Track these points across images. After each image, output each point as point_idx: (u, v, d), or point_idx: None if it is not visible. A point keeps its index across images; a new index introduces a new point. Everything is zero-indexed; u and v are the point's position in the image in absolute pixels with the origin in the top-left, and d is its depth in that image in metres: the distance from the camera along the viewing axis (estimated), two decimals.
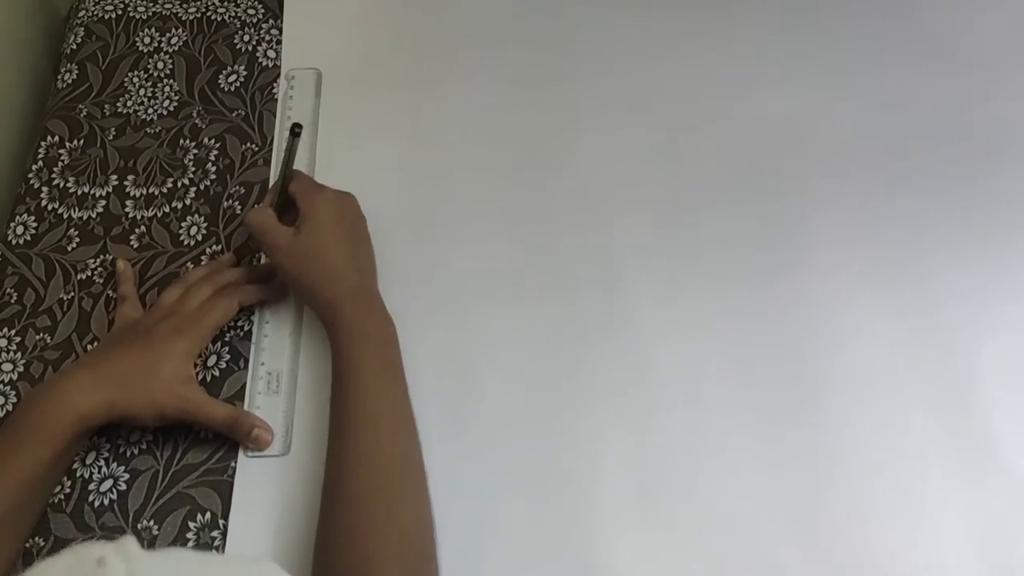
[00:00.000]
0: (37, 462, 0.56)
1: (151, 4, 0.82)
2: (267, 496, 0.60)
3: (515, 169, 0.72)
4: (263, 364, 0.65)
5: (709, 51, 0.77)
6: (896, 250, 0.68)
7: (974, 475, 0.60)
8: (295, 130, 0.62)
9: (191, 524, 0.60)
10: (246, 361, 0.65)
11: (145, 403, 0.58)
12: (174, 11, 0.81)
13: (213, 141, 0.75)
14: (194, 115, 0.77)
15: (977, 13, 0.78)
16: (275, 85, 0.77)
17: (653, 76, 0.76)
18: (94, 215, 0.72)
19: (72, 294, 0.69)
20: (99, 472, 0.61)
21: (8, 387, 0.65)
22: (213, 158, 0.74)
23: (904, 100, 0.74)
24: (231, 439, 0.62)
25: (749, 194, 0.71)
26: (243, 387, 0.64)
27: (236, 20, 0.81)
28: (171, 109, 0.77)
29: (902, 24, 0.78)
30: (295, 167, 0.65)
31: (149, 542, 0.59)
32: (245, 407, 0.63)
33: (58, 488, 0.61)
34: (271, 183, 0.68)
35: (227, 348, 0.66)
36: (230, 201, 0.72)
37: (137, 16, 0.81)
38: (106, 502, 0.60)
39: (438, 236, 0.70)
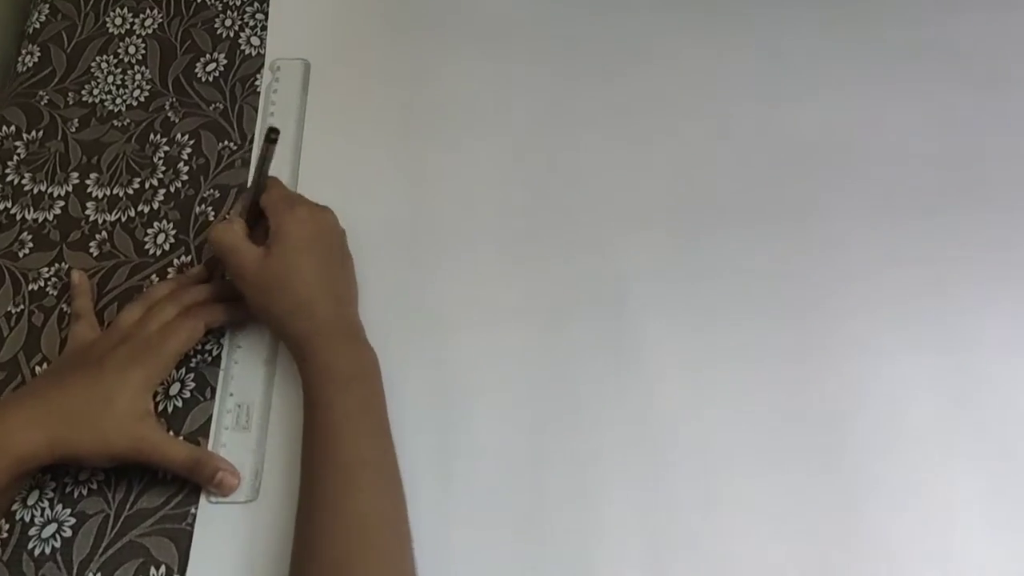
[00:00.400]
0: None
1: None
2: (231, 548, 0.53)
3: (512, 178, 0.65)
4: (232, 395, 0.57)
5: (729, 57, 0.70)
6: (930, 282, 0.60)
7: (1008, 524, 0.53)
8: (271, 136, 0.54)
9: None
10: (213, 391, 0.58)
11: (93, 443, 0.51)
12: None
13: (187, 137, 0.68)
14: (167, 107, 0.69)
15: None
16: (258, 76, 0.70)
17: (667, 81, 0.69)
18: (51, 217, 0.65)
19: (22, 307, 0.61)
20: (41, 515, 0.54)
21: None
22: (186, 156, 0.67)
23: (943, 117, 0.67)
24: (192, 481, 0.55)
25: (770, 215, 0.63)
26: (209, 420, 0.57)
27: (218, 2, 0.73)
28: (141, 100, 0.70)
29: (940, 34, 0.70)
30: (271, 174, 0.58)
31: None
32: (210, 444, 0.56)
33: None
34: (245, 191, 0.60)
35: (192, 375, 0.58)
36: (202, 206, 0.65)
37: None
38: (48, 550, 0.53)
39: (426, 251, 0.63)
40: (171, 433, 0.56)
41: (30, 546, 0.53)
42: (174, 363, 0.56)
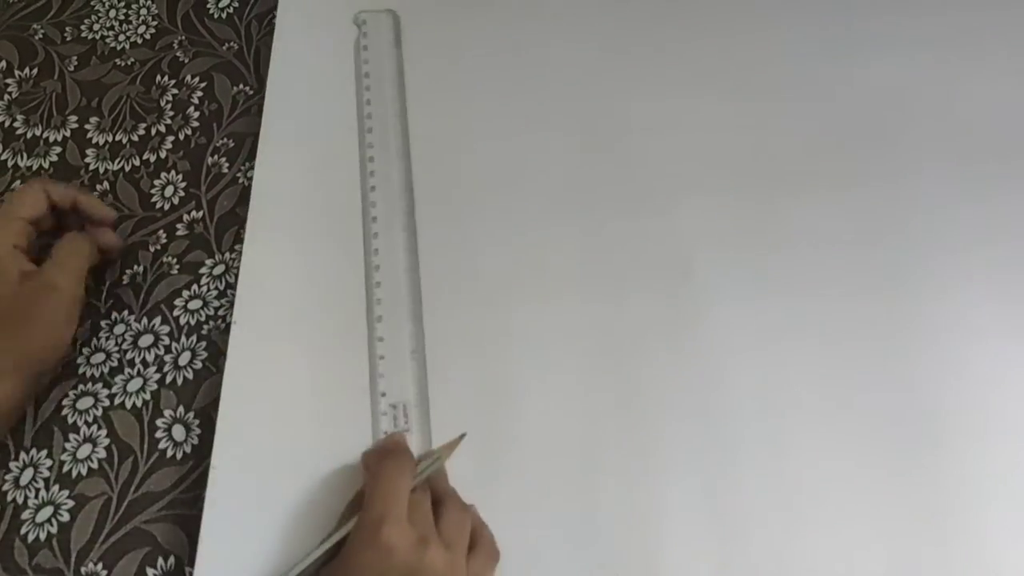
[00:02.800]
0: None
1: None
2: (245, 538, 0.47)
3: (571, 138, 0.59)
4: (384, 395, 0.51)
5: (802, 12, 0.63)
6: None
7: None
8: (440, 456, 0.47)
9: (149, 571, 0.47)
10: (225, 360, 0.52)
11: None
12: None
13: (197, 80, 0.61)
14: (175, 46, 0.62)
15: None
16: (274, 13, 0.63)
17: (737, 36, 0.62)
18: (46, 165, 0.58)
19: None
20: (36, 496, 0.49)
21: None
22: (197, 101, 0.60)
23: None
24: (205, 462, 0.49)
25: (850, 180, 0.58)
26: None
27: None
28: (147, 37, 0.63)
29: None
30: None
31: None
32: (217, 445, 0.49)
33: None
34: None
35: (203, 343, 0.52)
36: (215, 157, 0.58)
37: None
38: (43, 536, 0.48)
39: (478, 217, 0.56)
40: (180, 408, 0.51)
41: (23, 531, 0.48)
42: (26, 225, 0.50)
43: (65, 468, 0.49)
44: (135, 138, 0.59)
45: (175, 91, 0.61)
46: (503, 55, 0.62)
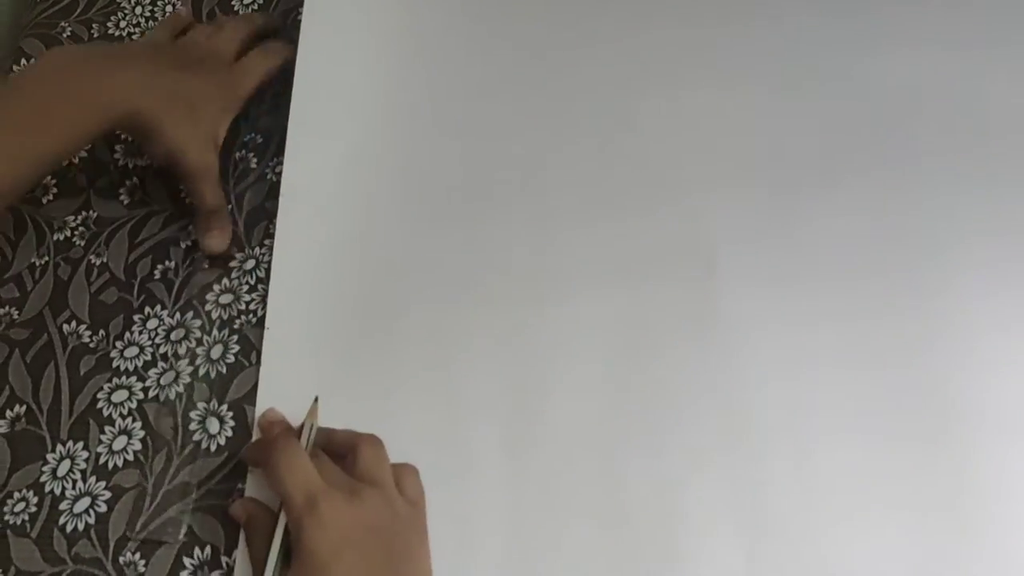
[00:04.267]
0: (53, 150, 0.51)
1: None
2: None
3: (589, 129, 0.59)
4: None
5: (827, 8, 0.63)
6: None
7: None
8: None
9: (186, 560, 0.48)
10: (258, 355, 0.53)
11: (172, 135, 0.52)
12: None
13: None
14: None
15: None
16: (300, 10, 0.63)
17: (756, 31, 0.62)
18: (76, 160, 0.59)
19: (46, 258, 0.56)
20: (73, 487, 0.49)
21: None
22: None
23: None
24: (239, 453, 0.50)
25: (869, 174, 0.58)
26: (254, 387, 0.52)
27: None
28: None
29: None
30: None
31: None
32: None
33: (22, 506, 0.49)
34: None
35: (235, 337, 0.53)
36: (243, 152, 0.59)
37: None
38: (81, 527, 0.48)
39: (494, 210, 0.57)
40: (214, 401, 0.51)
41: (61, 522, 0.49)
42: (253, 89, 0.57)
43: (101, 460, 0.50)
44: None
45: None
46: (523, 58, 0.62)
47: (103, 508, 0.49)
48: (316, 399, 0.49)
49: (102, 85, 0.51)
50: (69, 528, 0.48)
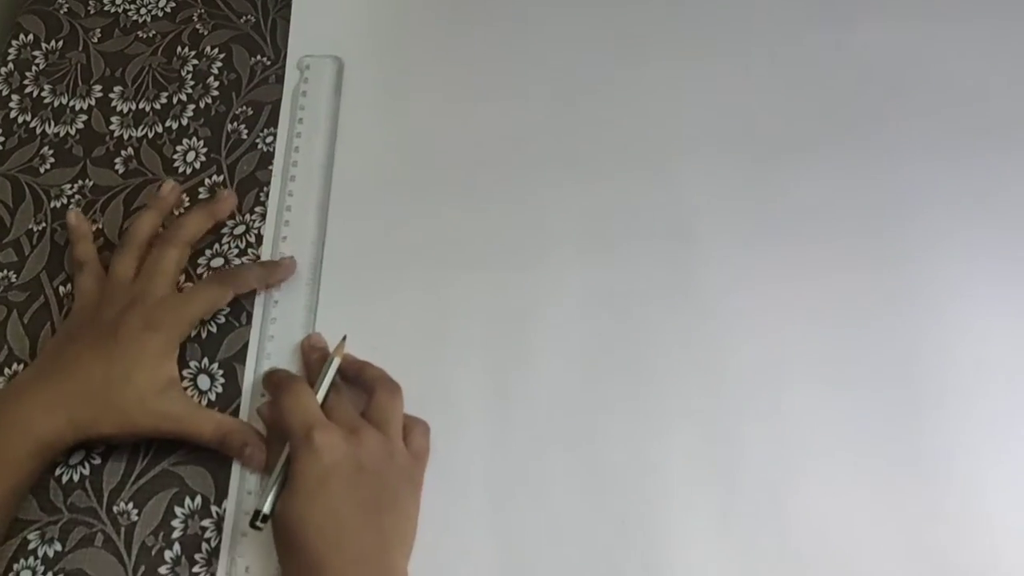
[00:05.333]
0: None
1: None
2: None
3: (569, 104, 0.61)
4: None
5: None
6: (1013, 215, 0.57)
7: None
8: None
9: (178, 510, 0.49)
10: (249, 316, 0.54)
11: (114, 423, 0.48)
12: None
13: (217, 51, 0.64)
14: (195, 19, 0.65)
15: None
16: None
17: (732, 7, 0.65)
18: (73, 132, 0.61)
19: (44, 224, 0.58)
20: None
21: None
22: (216, 71, 0.63)
23: None
24: (229, 409, 0.52)
25: (843, 144, 0.60)
26: (245, 346, 0.54)
27: None
28: (168, 11, 0.65)
29: None
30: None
31: (127, 528, 0.49)
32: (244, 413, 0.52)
33: None
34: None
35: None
36: (235, 124, 0.61)
37: None
38: (76, 478, 0.50)
39: (477, 184, 0.59)
40: (205, 359, 0.53)
41: (57, 473, 0.50)
42: (193, 327, 0.52)
43: None
44: (157, 106, 0.62)
45: (195, 62, 0.63)
46: (502, 30, 0.64)
47: (98, 460, 0.51)
48: (344, 337, 0.52)
49: (3, 434, 0.47)
50: (64, 479, 0.50)
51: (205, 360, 0.53)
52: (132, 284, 0.52)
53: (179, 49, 0.64)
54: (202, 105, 0.61)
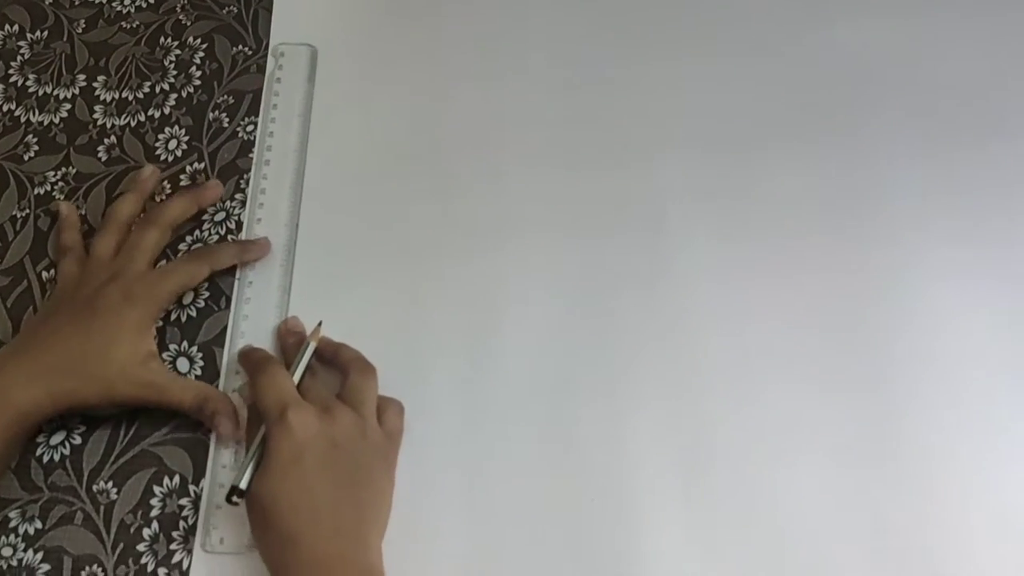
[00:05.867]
0: None
1: None
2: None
3: (546, 96, 0.62)
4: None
5: None
6: (987, 208, 0.58)
7: None
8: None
9: (156, 489, 0.51)
10: (228, 300, 0.55)
11: (97, 393, 0.49)
12: None
13: (199, 41, 0.64)
14: (178, 10, 0.66)
15: None
16: None
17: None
18: (56, 120, 0.62)
19: (27, 211, 0.59)
20: (49, 421, 0.52)
21: None
22: (198, 61, 0.64)
23: (1001, 38, 0.64)
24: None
25: (815, 136, 0.61)
26: (224, 330, 0.55)
27: None
28: (151, 1, 0.66)
29: None
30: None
31: (106, 507, 0.50)
32: (223, 379, 0.53)
33: None
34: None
35: (206, 283, 0.56)
36: (216, 112, 0.62)
37: None
38: (56, 457, 0.51)
39: (455, 172, 0.60)
40: (184, 342, 0.54)
41: (38, 453, 0.51)
42: (170, 302, 0.53)
43: None
44: (140, 95, 0.63)
45: (178, 52, 0.64)
46: (481, 21, 0.65)
47: (78, 441, 0.52)
48: (320, 323, 0.53)
49: (9, 400, 0.48)
50: (46, 459, 0.51)
51: (184, 343, 0.54)
52: (111, 261, 0.53)
53: (162, 39, 0.65)
54: (184, 94, 0.62)
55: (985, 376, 0.53)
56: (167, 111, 0.62)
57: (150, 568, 0.49)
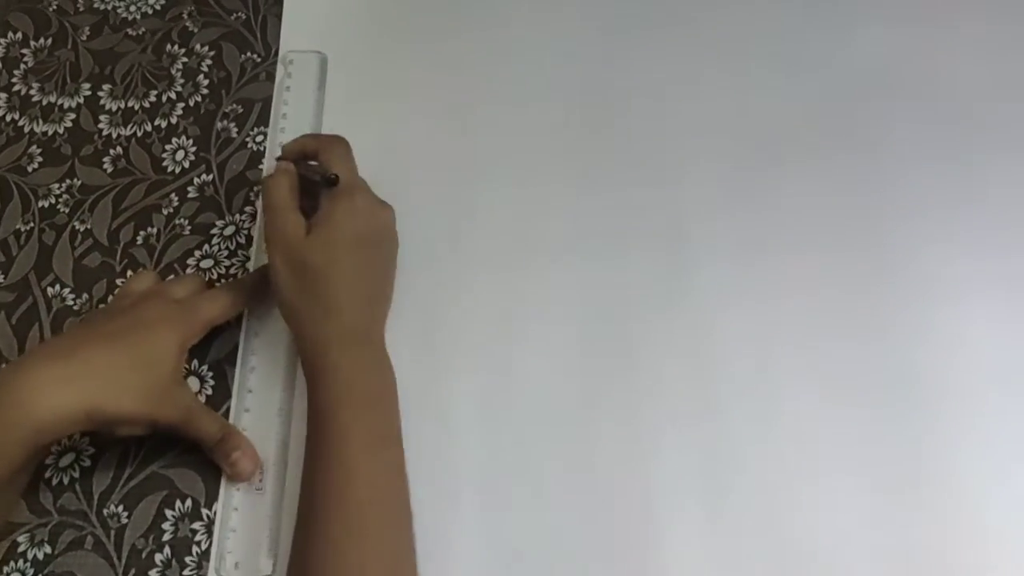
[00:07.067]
0: None
1: None
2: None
3: (567, 110, 0.61)
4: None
5: None
6: (1011, 219, 0.57)
7: None
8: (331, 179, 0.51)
9: (168, 512, 0.49)
10: (239, 319, 0.54)
11: (137, 408, 0.46)
12: None
13: (206, 48, 0.63)
14: (184, 16, 0.64)
15: None
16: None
17: (729, 11, 0.64)
18: (61, 130, 0.60)
19: (31, 224, 0.57)
20: (59, 443, 0.51)
21: None
22: (206, 69, 0.62)
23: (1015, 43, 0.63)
24: (219, 411, 0.51)
25: (835, 148, 0.59)
26: (235, 348, 0.53)
27: None
28: (157, 8, 0.65)
29: None
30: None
31: (117, 531, 0.49)
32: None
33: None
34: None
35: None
36: (224, 122, 0.60)
37: None
38: (66, 480, 0.50)
39: (472, 185, 0.58)
40: (194, 361, 0.53)
41: (47, 475, 0.50)
42: (205, 331, 0.51)
43: None
44: (146, 104, 0.61)
45: (185, 59, 0.63)
46: (500, 34, 0.63)
47: (87, 463, 0.50)
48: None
49: (31, 408, 0.44)
50: (55, 481, 0.50)
51: (195, 362, 0.53)
52: (155, 284, 0.52)
53: (169, 47, 0.63)
54: (191, 103, 0.61)
55: (1009, 390, 0.52)
56: (174, 120, 0.61)
57: None
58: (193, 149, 0.60)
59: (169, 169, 0.59)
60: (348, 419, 0.45)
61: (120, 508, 0.49)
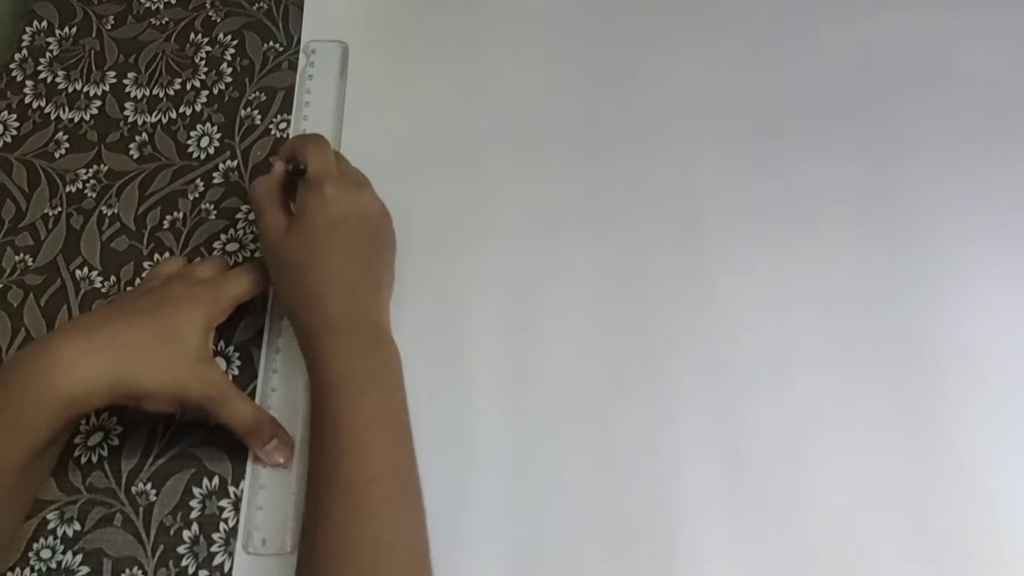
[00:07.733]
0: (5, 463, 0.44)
1: None
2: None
3: (585, 91, 0.62)
4: None
5: None
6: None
7: None
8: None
9: (195, 490, 0.50)
10: (265, 300, 0.55)
11: (162, 382, 0.46)
12: None
13: (229, 38, 0.64)
14: (207, 6, 0.65)
15: None
16: None
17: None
18: (87, 117, 0.61)
19: (59, 209, 0.58)
20: (87, 422, 0.52)
21: None
22: (229, 58, 0.63)
23: None
24: (246, 391, 0.52)
25: (852, 134, 0.60)
26: (261, 329, 0.54)
27: None
28: None
29: None
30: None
31: (146, 509, 0.49)
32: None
33: None
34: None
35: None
36: (248, 109, 0.61)
37: None
38: (95, 459, 0.51)
39: (485, 171, 0.59)
40: (221, 342, 0.54)
41: (76, 454, 0.51)
42: (230, 309, 0.52)
43: None
44: (171, 92, 0.62)
45: (208, 48, 0.64)
46: (519, 19, 0.64)
47: (116, 442, 0.51)
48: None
49: (27, 384, 0.44)
50: (83, 460, 0.51)
51: (221, 343, 0.54)
52: (182, 268, 0.54)
53: (192, 36, 0.64)
54: (215, 91, 0.62)
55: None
56: (199, 108, 0.61)
57: (191, 571, 0.48)
58: (218, 136, 0.60)
59: (194, 155, 0.60)
60: (340, 404, 0.46)
61: (148, 486, 0.50)
